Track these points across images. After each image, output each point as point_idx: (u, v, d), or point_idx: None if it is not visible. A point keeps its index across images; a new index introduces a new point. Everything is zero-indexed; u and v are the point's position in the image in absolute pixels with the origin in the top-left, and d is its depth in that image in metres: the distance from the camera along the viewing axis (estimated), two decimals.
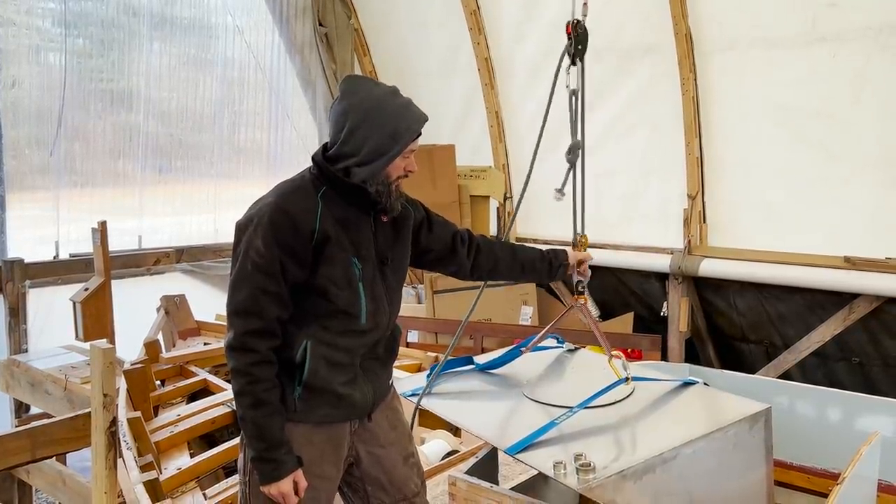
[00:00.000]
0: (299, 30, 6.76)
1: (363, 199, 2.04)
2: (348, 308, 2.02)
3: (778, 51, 4.60)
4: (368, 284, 2.05)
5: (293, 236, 1.94)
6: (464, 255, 2.38)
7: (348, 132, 1.98)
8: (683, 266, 5.13)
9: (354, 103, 1.98)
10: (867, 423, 2.82)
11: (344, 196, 2.02)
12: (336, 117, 2.01)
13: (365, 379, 2.11)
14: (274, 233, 1.93)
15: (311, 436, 2.04)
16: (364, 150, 1.98)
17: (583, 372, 2.65)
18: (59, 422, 3.88)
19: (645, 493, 1.91)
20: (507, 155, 6.35)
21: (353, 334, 2.05)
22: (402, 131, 1.99)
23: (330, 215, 1.99)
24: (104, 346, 2.67)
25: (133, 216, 6.14)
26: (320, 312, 2.01)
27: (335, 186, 2.02)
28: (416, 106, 2.07)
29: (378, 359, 2.17)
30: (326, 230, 1.97)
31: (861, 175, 4.41)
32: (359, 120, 1.97)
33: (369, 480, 2.18)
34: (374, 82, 2.09)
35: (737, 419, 2.15)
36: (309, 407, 2.02)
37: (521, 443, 2.03)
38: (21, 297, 5.45)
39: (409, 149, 2.04)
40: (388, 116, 1.97)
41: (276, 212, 1.95)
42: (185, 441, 3.74)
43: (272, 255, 1.92)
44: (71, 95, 5.74)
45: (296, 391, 2.01)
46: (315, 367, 1.99)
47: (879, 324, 4.58)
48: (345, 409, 2.07)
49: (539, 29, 5.73)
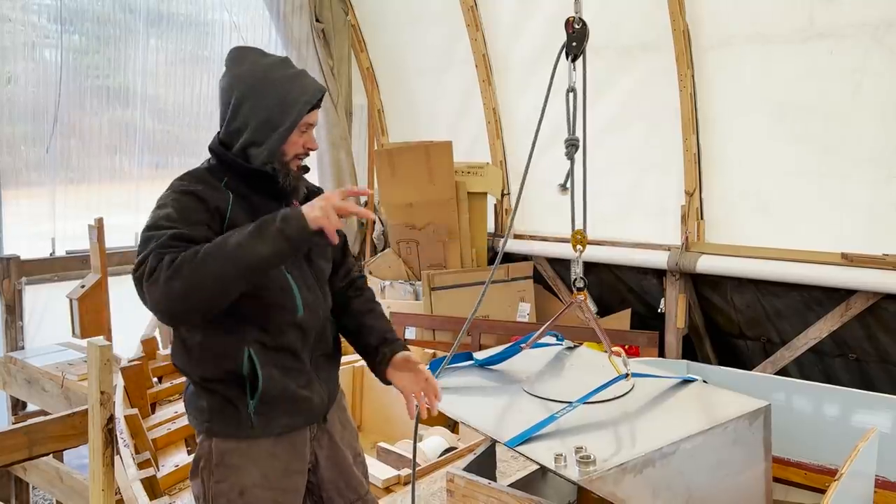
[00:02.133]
0: (296, 26, 6.74)
1: (269, 184, 1.86)
2: (282, 302, 1.86)
3: (775, 47, 4.60)
4: (297, 274, 1.90)
5: (204, 214, 1.74)
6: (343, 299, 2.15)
7: (235, 106, 1.82)
8: (681, 262, 5.13)
9: (239, 74, 1.82)
10: (864, 420, 2.83)
11: (248, 182, 1.85)
12: (221, 93, 1.85)
13: (319, 380, 1.99)
14: (182, 209, 1.72)
15: (273, 450, 1.90)
16: (252, 124, 1.80)
17: (582, 368, 2.66)
18: (56, 419, 3.88)
19: (644, 487, 1.92)
20: (504, 151, 6.34)
21: (293, 330, 1.89)
22: (292, 102, 1.80)
23: (239, 205, 1.81)
24: (101, 343, 2.66)
25: (129, 213, 6.13)
26: (254, 313, 1.83)
27: (237, 173, 1.85)
28: (311, 76, 1.89)
29: (326, 355, 2.05)
30: (237, 219, 1.78)
31: (859, 171, 4.41)
32: (244, 92, 1.80)
33: (326, 486, 2.06)
34: (262, 53, 1.90)
35: (736, 416, 2.15)
36: (266, 420, 1.87)
37: (521, 436, 2.03)
38: (17, 294, 5.45)
39: (304, 122, 1.85)
40: (276, 87, 1.80)
41: (181, 194, 1.76)
42: (183, 438, 3.74)
43: (184, 217, 1.70)
44: (67, 92, 5.73)
45: (249, 405, 1.84)
46: (269, 374, 1.84)
47: (876, 320, 4.59)
48: (303, 414, 1.94)
49: (537, 25, 5.72)
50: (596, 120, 3.07)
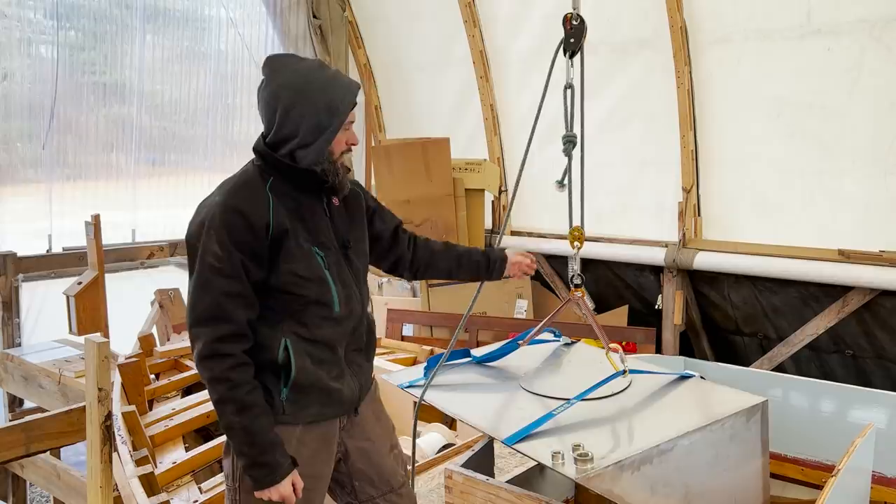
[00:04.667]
0: (293, 22, 6.73)
1: (314, 184, 1.97)
2: (320, 298, 1.95)
3: (773, 43, 4.61)
4: (335, 271, 1.99)
5: (249, 234, 1.86)
6: (405, 246, 2.32)
7: (282, 114, 1.90)
8: (678, 259, 5.14)
9: (282, 83, 1.90)
10: (861, 416, 2.84)
11: (293, 183, 1.95)
12: (266, 102, 1.93)
13: (351, 373, 2.06)
14: (229, 233, 1.85)
15: (302, 437, 1.99)
16: (302, 129, 1.90)
17: (580, 365, 2.66)
18: (53, 416, 3.87)
19: (642, 484, 1.92)
20: (502, 148, 6.33)
21: (330, 324, 1.99)
22: (338, 103, 1.91)
23: (282, 207, 1.92)
24: (99, 340, 2.66)
25: (126, 209, 6.13)
26: (293, 308, 1.94)
27: (283, 174, 1.95)
28: (345, 75, 2.01)
29: (360, 350, 2.12)
30: (282, 223, 1.90)
31: (855, 168, 4.42)
32: (290, 100, 1.89)
33: (357, 475, 2.14)
34: (297, 58, 1.99)
35: (734, 412, 2.16)
36: (298, 407, 1.96)
37: (519, 433, 2.03)
38: (14, 291, 5.43)
39: (347, 120, 1.97)
40: (320, 91, 1.89)
41: (226, 211, 1.87)
42: (180, 435, 3.73)
43: (230, 256, 1.84)
44: (63, 88, 5.71)
45: (282, 393, 1.94)
46: (301, 364, 1.93)
47: (873, 316, 4.60)
48: (334, 405, 2.02)
49: (535, 21, 5.71)
50: (593, 116, 3.08)
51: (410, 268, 2.36)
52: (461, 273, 2.41)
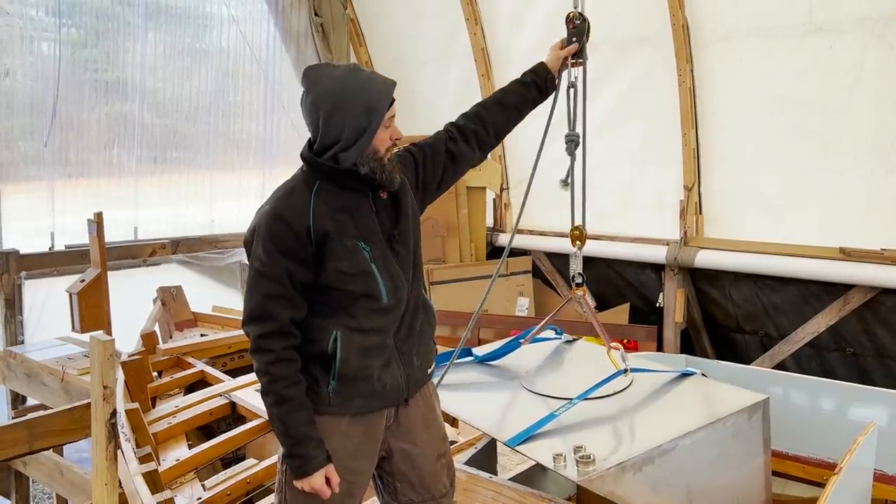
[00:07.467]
0: (295, 20, 6.73)
1: (357, 182, 2.04)
2: (367, 291, 2.03)
3: (775, 41, 4.60)
4: (381, 264, 2.05)
5: (292, 240, 1.97)
6: (464, 146, 2.39)
7: (325, 122, 1.99)
8: (679, 257, 5.14)
9: (321, 92, 1.99)
10: (862, 414, 2.85)
11: (338, 184, 2.03)
12: (309, 112, 2.02)
13: (399, 362, 2.10)
14: (273, 240, 1.97)
15: (348, 429, 2.06)
16: (346, 132, 1.98)
17: (581, 363, 2.66)
18: (56, 413, 3.89)
19: (644, 485, 1.93)
20: (503, 146, 6.33)
21: (379, 314, 2.06)
22: (374, 103, 1.99)
23: (324, 209, 2.00)
24: (105, 338, 2.67)
25: (128, 207, 6.12)
26: (343, 303, 2.03)
27: (329, 177, 2.03)
28: (380, 75, 2.08)
29: (410, 341, 2.15)
30: (322, 226, 1.98)
31: (857, 166, 4.42)
32: (330, 107, 1.97)
33: (399, 477, 2.18)
34: (333, 66, 2.07)
35: (735, 410, 2.16)
36: (343, 399, 2.04)
37: (521, 435, 2.04)
38: (17, 289, 5.44)
39: (387, 117, 2.04)
40: (357, 94, 1.97)
41: (272, 220, 1.99)
42: (183, 432, 3.75)
43: (274, 261, 1.97)
44: (65, 86, 5.71)
45: (330, 384, 2.03)
46: (346, 356, 2.01)
47: (874, 314, 4.60)
48: (378, 397, 2.07)
49: (537, 19, 5.71)
50: (595, 115, 3.07)
51: (481, 149, 2.43)
52: (524, 107, 2.50)
